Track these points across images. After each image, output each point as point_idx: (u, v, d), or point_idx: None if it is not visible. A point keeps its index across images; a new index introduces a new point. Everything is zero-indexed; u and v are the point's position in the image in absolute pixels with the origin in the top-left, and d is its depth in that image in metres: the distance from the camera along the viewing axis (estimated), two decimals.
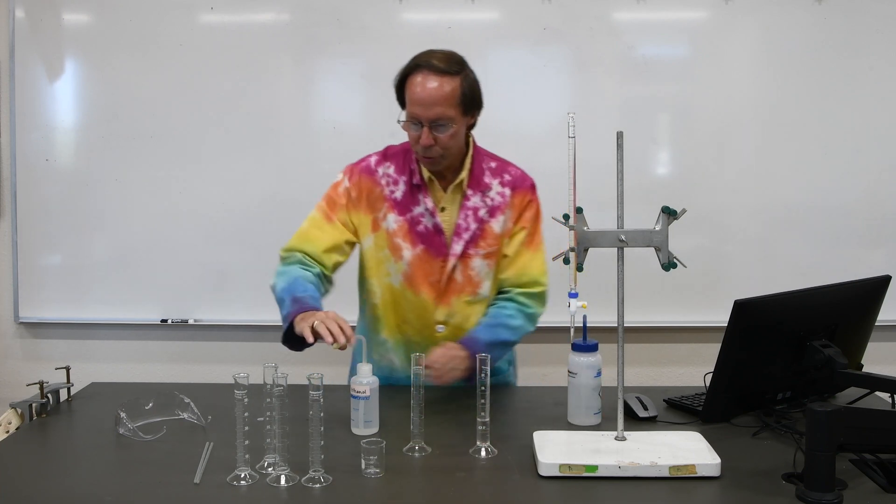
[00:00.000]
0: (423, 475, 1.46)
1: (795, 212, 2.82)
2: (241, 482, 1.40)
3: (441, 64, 1.79)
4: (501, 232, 1.92)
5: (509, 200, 1.93)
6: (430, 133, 1.79)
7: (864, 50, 2.77)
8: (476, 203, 1.91)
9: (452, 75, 1.80)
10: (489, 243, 1.91)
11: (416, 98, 1.78)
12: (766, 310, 1.68)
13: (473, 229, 1.90)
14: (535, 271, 1.95)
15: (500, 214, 1.92)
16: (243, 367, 1.48)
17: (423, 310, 1.92)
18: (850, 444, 1.37)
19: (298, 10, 2.80)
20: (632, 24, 2.79)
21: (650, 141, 2.84)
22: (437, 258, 1.90)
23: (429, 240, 1.89)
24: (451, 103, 1.79)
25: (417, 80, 1.79)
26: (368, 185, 1.91)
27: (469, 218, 1.90)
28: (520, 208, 1.94)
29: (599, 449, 1.48)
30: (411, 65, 1.81)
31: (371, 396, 1.63)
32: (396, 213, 1.89)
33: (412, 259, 1.89)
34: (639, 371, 2.86)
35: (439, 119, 1.78)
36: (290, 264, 1.87)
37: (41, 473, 1.47)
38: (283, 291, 1.80)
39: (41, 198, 2.87)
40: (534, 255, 1.95)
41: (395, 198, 1.90)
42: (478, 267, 1.91)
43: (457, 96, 1.80)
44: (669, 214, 1.50)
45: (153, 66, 2.82)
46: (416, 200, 1.90)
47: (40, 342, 2.98)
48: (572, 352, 1.72)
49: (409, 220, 1.89)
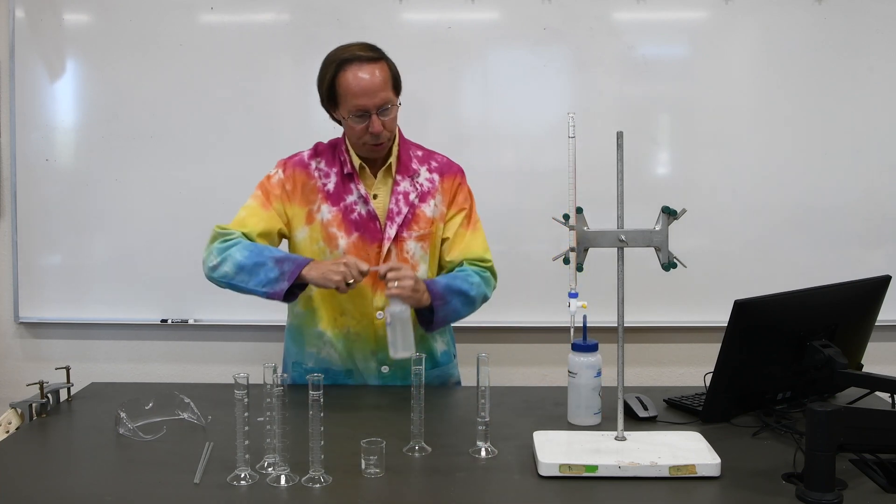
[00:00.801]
0: (423, 475, 1.46)
1: (795, 212, 2.82)
2: (241, 482, 1.40)
3: (367, 53, 1.85)
4: (433, 216, 1.97)
5: (438, 186, 1.98)
6: (379, 119, 1.84)
7: (864, 50, 2.77)
8: (406, 188, 1.95)
9: (380, 60, 1.86)
10: (421, 226, 1.95)
11: (358, 90, 1.82)
12: (766, 310, 1.68)
13: (405, 213, 1.94)
14: (478, 249, 2.01)
15: (430, 199, 1.97)
16: (243, 367, 1.48)
17: (362, 297, 1.93)
18: (850, 444, 1.37)
19: (298, 10, 2.80)
20: (632, 24, 2.79)
21: (650, 141, 2.83)
22: (373, 244, 1.92)
23: (363, 226, 1.92)
24: (388, 87, 1.85)
25: (352, 73, 1.83)
26: (303, 178, 1.94)
27: (401, 202, 1.94)
28: (451, 192, 2.00)
29: (599, 449, 1.48)
30: (338, 62, 1.85)
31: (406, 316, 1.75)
32: (330, 204, 1.93)
33: (347, 247, 1.91)
34: (639, 371, 2.86)
35: (384, 104, 1.84)
36: (231, 239, 1.88)
37: (41, 473, 1.47)
38: (251, 258, 1.82)
39: (41, 198, 2.87)
40: (474, 233, 2.01)
41: (328, 189, 1.93)
42: (412, 249, 1.94)
43: (390, 79, 1.87)
44: (669, 214, 1.50)
45: (153, 66, 2.82)
46: (349, 189, 1.93)
47: (40, 342, 2.98)
48: (572, 352, 1.72)
49: (342, 209, 1.92)
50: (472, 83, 2.83)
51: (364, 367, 1.99)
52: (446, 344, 2.08)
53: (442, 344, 2.05)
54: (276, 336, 2.94)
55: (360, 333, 1.95)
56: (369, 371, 1.99)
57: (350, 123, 1.87)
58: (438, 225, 1.98)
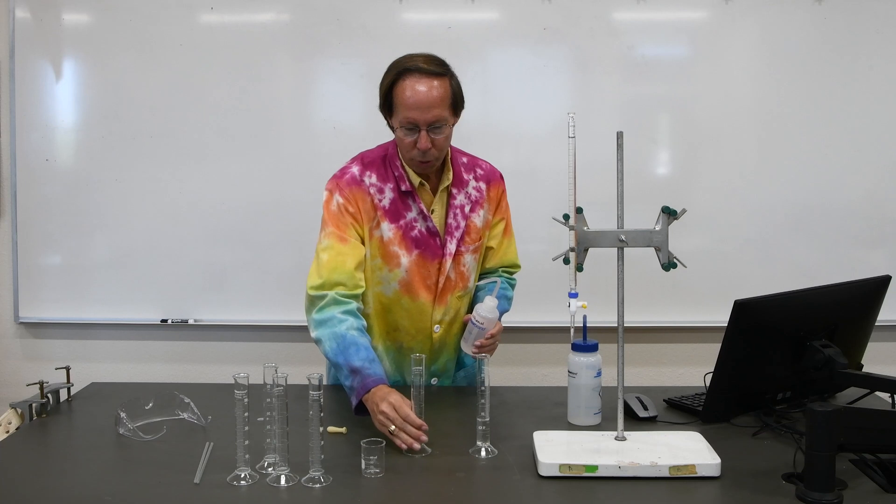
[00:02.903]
0: (423, 475, 1.46)
1: (795, 212, 2.82)
2: (241, 482, 1.40)
3: (430, 66, 1.78)
4: (482, 226, 1.96)
5: (486, 194, 1.96)
6: (428, 136, 1.77)
7: (864, 50, 2.77)
8: (462, 201, 1.92)
9: (442, 76, 1.79)
10: (473, 238, 1.94)
11: (412, 102, 1.75)
12: (766, 310, 1.68)
13: (463, 227, 1.92)
14: (513, 256, 2.07)
15: (479, 209, 1.95)
16: (243, 367, 1.48)
17: (421, 313, 1.92)
18: (850, 444, 1.38)
19: (298, 10, 2.80)
20: (632, 24, 2.79)
21: (650, 141, 2.83)
22: (433, 260, 1.89)
23: (424, 243, 1.88)
24: (445, 104, 1.78)
25: (410, 84, 1.76)
26: (360, 196, 1.85)
27: (458, 216, 1.91)
28: (496, 200, 1.99)
29: (599, 449, 1.49)
30: (398, 70, 1.78)
31: (486, 328, 1.84)
32: (389, 221, 1.86)
33: (409, 265, 1.88)
34: (639, 371, 2.86)
35: (437, 121, 1.77)
36: (325, 309, 1.76)
37: (41, 473, 1.47)
38: (336, 355, 1.71)
39: (41, 198, 2.87)
40: (510, 241, 2.06)
41: (384, 206, 1.86)
42: (468, 262, 1.94)
43: (449, 97, 1.79)
44: (669, 214, 1.50)
45: (153, 66, 2.82)
46: (407, 206, 1.87)
47: (40, 342, 2.97)
48: (572, 352, 1.72)
49: (402, 226, 1.87)
50: (472, 83, 2.80)
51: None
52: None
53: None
54: (276, 336, 2.95)
55: (414, 348, 1.90)
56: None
57: (399, 135, 1.81)
58: (484, 233, 1.98)
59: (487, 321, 1.83)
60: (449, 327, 1.95)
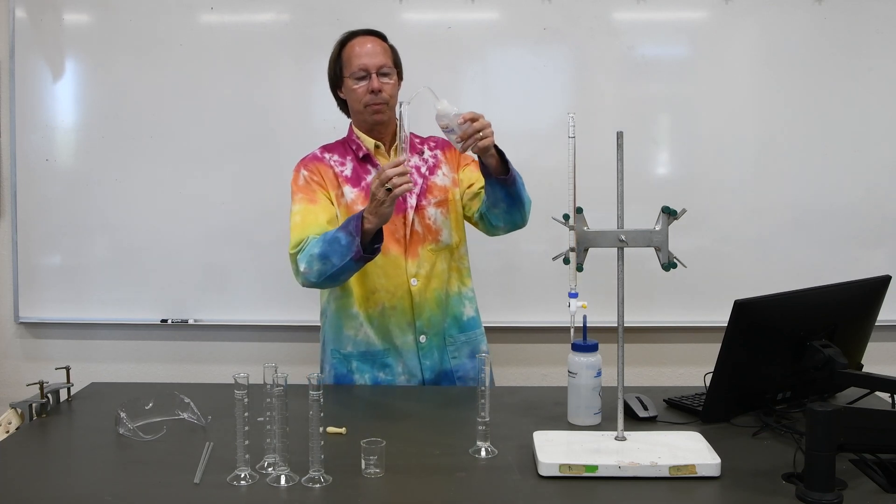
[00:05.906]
0: (423, 475, 1.46)
1: (795, 212, 2.82)
2: (241, 482, 1.40)
3: (372, 31, 2.05)
4: (445, 184, 2.08)
5: (442, 158, 2.12)
6: (378, 79, 1.98)
7: (864, 50, 2.77)
8: (416, 163, 2.07)
9: (382, 39, 2.06)
10: (436, 194, 2.06)
11: (361, 52, 2.00)
12: (766, 310, 1.68)
13: (420, 184, 2.04)
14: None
15: (438, 171, 2.09)
16: (243, 367, 1.48)
17: (396, 268, 1.99)
18: (850, 444, 1.38)
19: (298, 10, 2.80)
20: (632, 24, 2.79)
21: (650, 141, 2.83)
22: (398, 215, 1.98)
23: None
24: (389, 57, 2.03)
25: (357, 42, 2.02)
26: (322, 169, 2.04)
27: (415, 175, 2.04)
28: (455, 158, 2.13)
29: (599, 449, 1.49)
30: (344, 37, 2.05)
31: (450, 123, 1.80)
32: (350, 186, 2.02)
33: None
34: (639, 371, 2.86)
35: (384, 66, 1.99)
36: (306, 246, 1.92)
37: (41, 473, 1.47)
38: (323, 244, 1.86)
39: (41, 198, 2.87)
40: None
41: (346, 175, 2.04)
42: (433, 215, 2.04)
43: (391, 55, 2.05)
44: (669, 214, 1.50)
45: (153, 66, 2.82)
46: (367, 170, 2.04)
47: (40, 342, 2.98)
48: (572, 352, 1.72)
49: (364, 188, 2.01)
50: (472, 83, 2.83)
51: (402, 342, 2.02)
52: (475, 311, 2.13)
53: (470, 309, 2.11)
54: (276, 336, 2.95)
55: (396, 306, 2.00)
56: (407, 346, 2.02)
57: (352, 86, 2.00)
58: (453, 190, 2.08)
59: (447, 117, 1.79)
60: (427, 281, 2.02)
